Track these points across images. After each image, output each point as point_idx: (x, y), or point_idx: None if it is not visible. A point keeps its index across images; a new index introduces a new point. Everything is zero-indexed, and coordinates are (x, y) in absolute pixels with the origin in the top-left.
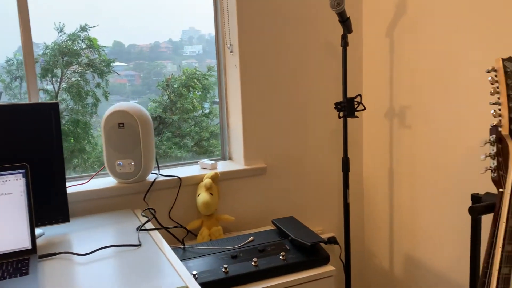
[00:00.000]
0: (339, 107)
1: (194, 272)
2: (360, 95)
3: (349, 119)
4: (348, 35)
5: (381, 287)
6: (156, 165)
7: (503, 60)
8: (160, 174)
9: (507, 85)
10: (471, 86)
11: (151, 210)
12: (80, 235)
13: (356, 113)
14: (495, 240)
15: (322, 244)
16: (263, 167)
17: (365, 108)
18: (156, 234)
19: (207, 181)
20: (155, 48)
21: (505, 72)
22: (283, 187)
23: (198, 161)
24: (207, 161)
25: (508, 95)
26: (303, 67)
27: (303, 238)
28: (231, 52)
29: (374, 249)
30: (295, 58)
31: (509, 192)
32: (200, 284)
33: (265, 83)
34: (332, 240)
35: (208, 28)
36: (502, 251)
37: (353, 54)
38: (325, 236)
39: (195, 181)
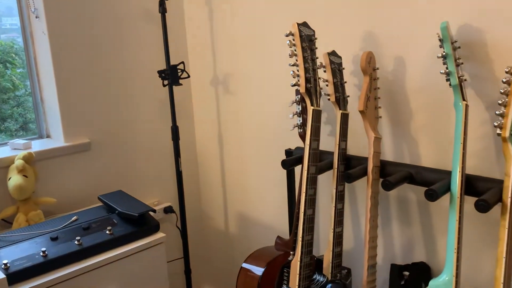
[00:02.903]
0: (163, 75)
1: (5, 261)
2: (183, 62)
3: (177, 87)
4: (168, 2)
5: (219, 247)
6: None
7: (299, 24)
8: None
9: (302, 47)
10: (278, 51)
11: None
12: None
13: (181, 81)
14: (301, 187)
15: (153, 213)
16: (86, 143)
17: (189, 76)
18: None
19: (18, 162)
20: None
21: (300, 36)
22: (112, 162)
23: (8, 142)
24: (19, 141)
25: (304, 57)
26: (123, 34)
27: (130, 209)
28: (36, 17)
29: (210, 212)
30: (112, 25)
31: (308, 144)
32: (15, 272)
33: (81, 51)
34: (168, 210)
35: None
36: (306, 195)
37: (174, 21)
38: (161, 206)
39: (4, 164)
